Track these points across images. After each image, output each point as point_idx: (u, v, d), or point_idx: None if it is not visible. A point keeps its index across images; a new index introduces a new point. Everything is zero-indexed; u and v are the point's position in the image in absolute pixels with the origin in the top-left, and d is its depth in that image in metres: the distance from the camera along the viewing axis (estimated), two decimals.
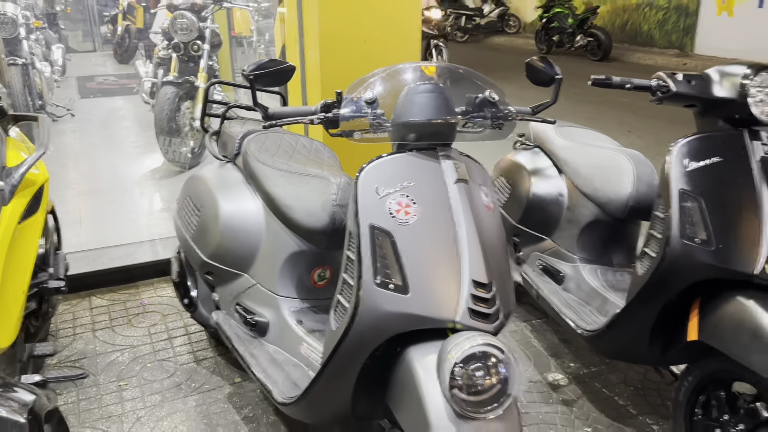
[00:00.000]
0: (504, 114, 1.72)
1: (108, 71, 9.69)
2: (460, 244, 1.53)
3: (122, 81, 8.59)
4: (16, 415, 1.29)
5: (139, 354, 2.65)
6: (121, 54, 9.69)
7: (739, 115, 1.91)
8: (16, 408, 1.31)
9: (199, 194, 2.31)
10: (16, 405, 1.33)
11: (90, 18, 11.19)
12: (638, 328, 2.05)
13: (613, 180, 2.43)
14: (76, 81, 8.30)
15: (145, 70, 5.65)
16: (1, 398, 1.34)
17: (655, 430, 2.28)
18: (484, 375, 1.36)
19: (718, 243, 1.83)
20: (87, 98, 7.37)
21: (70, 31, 10.60)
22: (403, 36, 3.41)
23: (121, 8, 9.67)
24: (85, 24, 11.23)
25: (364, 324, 1.52)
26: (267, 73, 1.68)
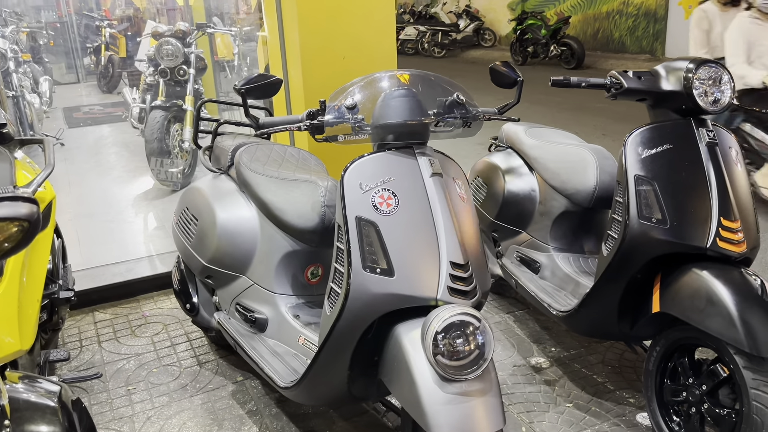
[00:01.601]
0: (472, 114, 1.91)
1: (93, 101, 9.84)
2: (438, 230, 1.71)
3: (108, 110, 8.75)
4: (47, 400, 1.43)
5: (145, 361, 2.79)
6: (105, 84, 9.85)
7: (686, 105, 2.11)
8: (44, 394, 1.46)
9: (196, 205, 2.47)
10: (44, 392, 1.48)
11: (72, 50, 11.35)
12: (606, 305, 2.23)
13: (578, 173, 2.62)
14: (63, 112, 8.46)
15: (133, 97, 5.82)
16: (30, 387, 1.48)
17: (631, 402, 2.46)
18: (464, 342, 1.54)
19: (673, 221, 2.02)
20: (75, 128, 7.52)
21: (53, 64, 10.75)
22: (379, 52, 3.61)
23: (103, 39, 9.85)
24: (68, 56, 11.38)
25: (356, 305, 1.69)
26: (257, 86, 1.86)
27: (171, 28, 4.89)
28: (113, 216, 4.36)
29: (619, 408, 2.42)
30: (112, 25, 9.94)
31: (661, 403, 2.17)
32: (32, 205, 1.04)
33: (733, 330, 1.83)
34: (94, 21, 10.49)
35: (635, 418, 2.37)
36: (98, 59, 10.19)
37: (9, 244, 1.03)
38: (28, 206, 1.03)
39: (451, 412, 1.51)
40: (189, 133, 4.77)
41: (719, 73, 2.12)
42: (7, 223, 1.02)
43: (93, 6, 11.16)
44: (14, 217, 1.02)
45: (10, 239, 1.03)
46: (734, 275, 1.94)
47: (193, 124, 2.71)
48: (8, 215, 1.01)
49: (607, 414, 2.39)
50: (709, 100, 2.10)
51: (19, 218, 1.02)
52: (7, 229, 1.02)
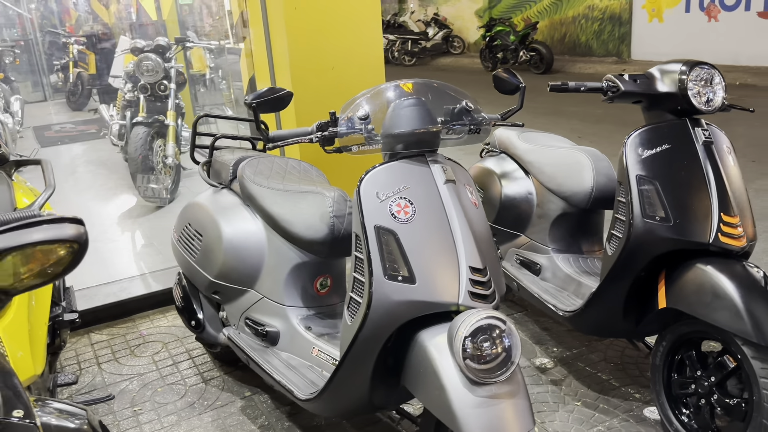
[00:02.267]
0: (480, 120, 1.94)
1: (63, 119, 9.67)
2: (455, 236, 1.74)
3: (80, 127, 8.60)
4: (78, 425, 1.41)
5: (148, 381, 2.75)
6: (75, 101, 9.69)
7: (681, 106, 2.18)
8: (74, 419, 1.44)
9: (199, 220, 2.46)
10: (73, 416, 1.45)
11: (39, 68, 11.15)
12: (612, 303, 2.28)
13: (575, 175, 2.67)
14: (33, 131, 8.29)
15: (110, 113, 5.75)
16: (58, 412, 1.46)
17: (637, 397, 2.51)
18: (491, 345, 1.56)
19: (676, 218, 2.08)
20: (48, 146, 7.38)
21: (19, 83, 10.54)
22: (367, 63, 3.64)
23: (71, 56, 9.70)
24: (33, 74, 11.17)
25: (378, 314, 1.70)
26: (268, 100, 1.87)
27: (150, 43, 4.84)
28: (98, 235, 4.29)
29: (626, 404, 2.47)
30: (80, 41, 9.78)
31: (670, 396, 2.22)
32: (80, 226, 1.03)
33: (740, 322, 1.88)
34: (60, 38, 10.31)
35: (643, 412, 2.41)
36: (66, 76, 10.02)
37: (58, 267, 1.02)
38: (75, 227, 1.02)
39: (482, 415, 1.53)
40: (172, 149, 4.73)
41: (711, 74, 2.19)
42: (56, 246, 1.01)
43: (57, 23, 10.98)
44: (64, 239, 1.01)
45: (59, 262, 1.02)
46: (737, 269, 2.00)
47: (191, 140, 2.69)
48: (58, 237, 1.00)
49: (615, 410, 2.44)
50: (703, 100, 2.17)
51: (69, 240, 1.01)
52: (56, 252, 1.01)
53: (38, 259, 1.02)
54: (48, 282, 1.03)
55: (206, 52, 6.92)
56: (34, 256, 1.01)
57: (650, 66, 2.30)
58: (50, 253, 1.02)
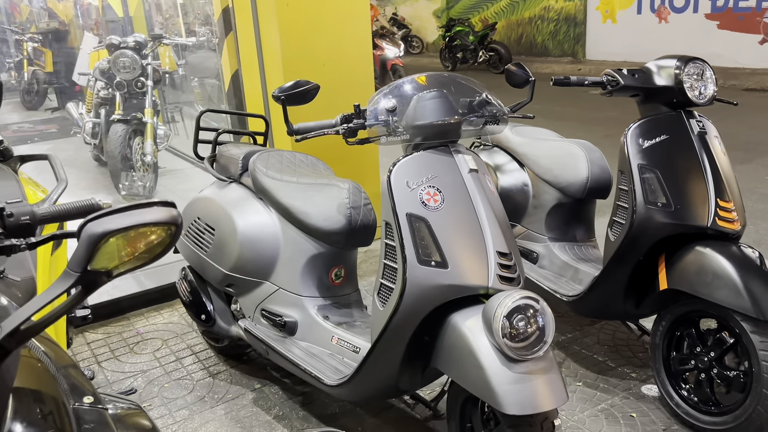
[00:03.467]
0: (500, 111, 2.02)
1: (17, 119, 9.35)
2: (482, 222, 1.82)
3: (39, 127, 8.36)
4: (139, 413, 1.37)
5: (153, 377, 2.74)
6: (30, 100, 9.39)
7: (676, 99, 2.31)
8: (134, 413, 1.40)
9: (210, 213, 2.47)
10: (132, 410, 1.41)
11: None
12: (615, 287, 2.40)
13: (570, 166, 2.79)
14: None
15: (80, 111, 5.62)
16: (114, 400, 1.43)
17: (633, 377, 2.64)
18: (526, 324, 1.64)
19: (676, 204, 2.21)
20: None
21: None
22: (357, 58, 3.70)
23: (25, 54, 9.39)
24: None
25: (412, 299, 1.76)
26: (296, 93, 1.91)
27: (126, 39, 4.77)
28: None
29: (624, 383, 2.60)
30: (35, 38, 9.48)
31: (669, 373, 2.36)
32: (173, 209, 1.07)
33: (739, 299, 2.02)
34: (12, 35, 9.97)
35: (641, 390, 2.54)
36: (20, 75, 9.70)
37: (157, 249, 1.05)
38: (172, 210, 1.06)
39: (520, 390, 1.61)
40: (150, 147, 4.67)
41: (703, 68, 2.34)
42: (159, 227, 1.04)
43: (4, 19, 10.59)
44: (164, 222, 1.04)
45: (161, 243, 1.05)
46: (734, 250, 2.14)
47: (194, 135, 2.69)
48: (161, 219, 1.04)
49: (614, 389, 2.56)
50: (695, 93, 2.31)
51: (168, 222, 1.04)
52: (155, 234, 1.04)
53: (139, 240, 1.04)
54: (146, 264, 1.06)
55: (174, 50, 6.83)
56: (135, 239, 1.04)
57: (605, 66, 2.44)
58: (150, 235, 1.05)
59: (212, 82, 5.95)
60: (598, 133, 6.99)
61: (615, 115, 7.79)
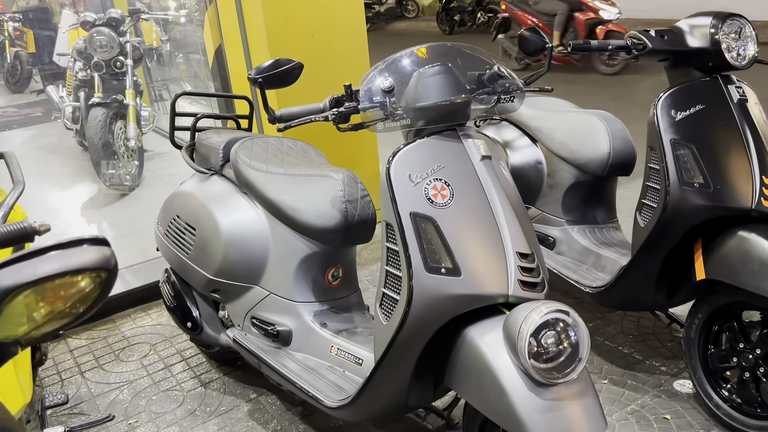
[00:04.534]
0: (515, 85, 1.74)
1: (3, 103, 9.03)
2: (498, 219, 1.56)
3: (24, 111, 8.05)
4: None
5: (140, 388, 2.51)
6: (14, 83, 9.05)
7: (712, 62, 2.03)
8: None
9: (191, 211, 2.21)
10: None
11: None
12: (645, 277, 2.15)
13: (589, 140, 2.51)
14: None
15: (60, 95, 5.32)
16: None
17: (663, 370, 2.41)
18: (556, 342, 1.39)
19: (715, 184, 1.94)
20: None
21: None
22: (349, 29, 3.40)
23: (6, 34, 9.02)
24: None
25: (421, 311, 1.51)
26: (275, 74, 1.64)
27: (101, 16, 4.44)
28: (63, 229, 3.95)
29: (654, 378, 2.37)
30: (15, 18, 9.11)
31: (707, 370, 2.12)
32: (105, 248, 0.80)
33: None
34: None
35: (673, 386, 2.32)
36: (3, 57, 9.35)
37: (83, 305, 0.79)
38: (99, 250, 0.79)
39: (552, 420, 1.37)
40: (134, 131, 4.38)
41: (741, 25, 2.05)
42: (80, 276, 0.78)
43: None
44: (87, 267, 0.78)
45: (85, 299, 0.79)
46: None
47: (170, 121, 2.42)
48: (87, 264, 0.77)
49: (644, 386, 2.33)
50: (735, 55, 2.02)
51: (94, 267, 0.78)
52: (79, 286, 0.78)
53: (59, 294, 0.78)
54: (71, 325, 0.81)
55: (158, 24, 6.48)
56: (54, 293, 0.78)
57: None
58: (74, 286, 0.79)
59: (198, 58, 5.63)
60: (604, 95, 6.68)
61: (621, 75, 7.46)
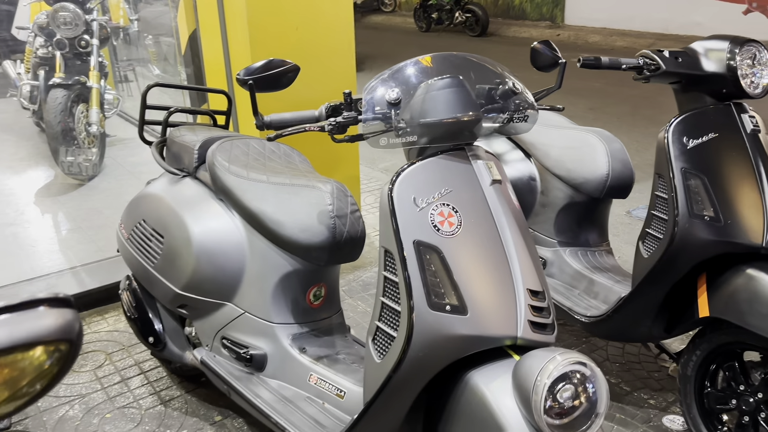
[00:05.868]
0: (530, 104, 1.60)
1: None
2: (509, 251, 1.42)
3: None
4: None
5: (93, 404, 2.30)
6: None
7: (726, 89, 1.92)
8: None
9: (159, 217, 2.01)
10: None
11: None
12: (645, 310, 2.04)
13: (587, 160, 2.40)
14: None
15: (17, 71, 4.98)
16: None
17: (652, 404, 2.31)
18: (573, 396, 1.26)
19: (726, 218, 1.84)
20: None
21: None
22: (335, 22, 3.21)
23: None
24: None
25: (421, 352, 1.36)
26: (268, 77, 1.45)
27: None
28: (14, 218, 3.67)
29: (643, 412, 2.27)
30: None
31: (702, 410, 2.03)
32: (67, 311, 0.63)
33: None
34: None
35: (662, 422, 2.22)
36: None
37: (40, 382, 0.62)
38: (66, 314, 0.62)
39: None
40: (96, 115, 4.11)
41: (756, 51, 1.95)
42: (35, 350, 0.60)
43: None
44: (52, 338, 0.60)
45: (41, 376, 0.61)
46: None
47: (140, 114, 2.20)
48: (35, 337, 0.60)
49: (633, 420, 2.23)
50: (753, 83, 1.92)
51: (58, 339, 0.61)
52: (32, 361, 0.60)
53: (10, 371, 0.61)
54: (24, 407, 0.63)
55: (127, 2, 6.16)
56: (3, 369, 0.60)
57: (585, 32, 2.04)
58: (22, 363, 0.61)
59: (170, 41, 5.34)
60: (580, 105, 6.63)
61: (599, 86, 7.44)
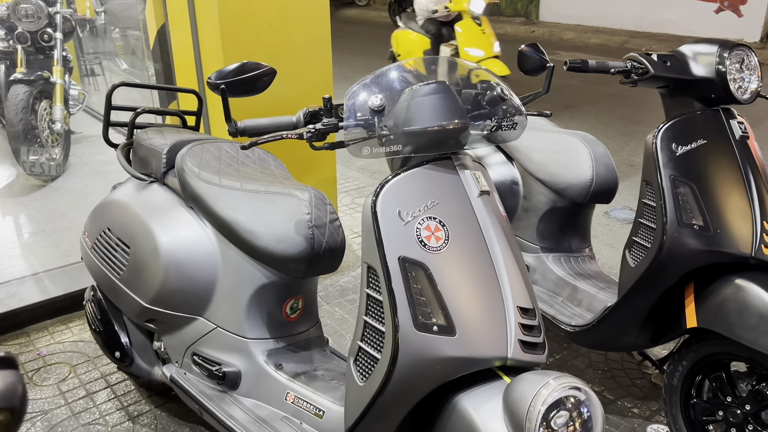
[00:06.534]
0: (518, 110, 1.52)
1: None
2: (498, 267, 1.34)
3: None
4: None
5: (56, 420, 2.18)
6: None
7: (715, 94, 1.88)
8: None
9: (124, 225, 1.89)
10: None
11: None
12: (631, 320, 2.00)
13: (571, 164, 2.34)
14: None
15: None
16: None
17: (636, 412, 2.27)
18: (567, 422, 1.19)
19: (716, 228, 1.80)
20: None
21: None
22: (311, 16, 3.11)
23: None
24: None
25: (406, 375, 1.28)
26: (242, 81, 1.36)
27: None
28: None
29: (627, 421, 2.23)
30: None
31: (688, 421, 1.99)
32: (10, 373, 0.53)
33: None
34: None
35: (646, 431, 2.18)
36: None
37: None
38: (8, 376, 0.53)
39: None
40: (60, 112, 3.95)
41: (745, 56, 1.91)
42: None
43: None
44: None
45: None
46: None
47: (104, 115, 2.08)
48: None
49: (617, 430, 2.19)
50: (742, 88, 1.88)
51: None
52: None
53: None
54: None
55: None
56: None
57: (559, 29, 1.99)
58: None
59: (137, 35, 5.17)
60: (557, 103, 6.61)
61: (576, 83, 7.44)
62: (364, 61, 9.11)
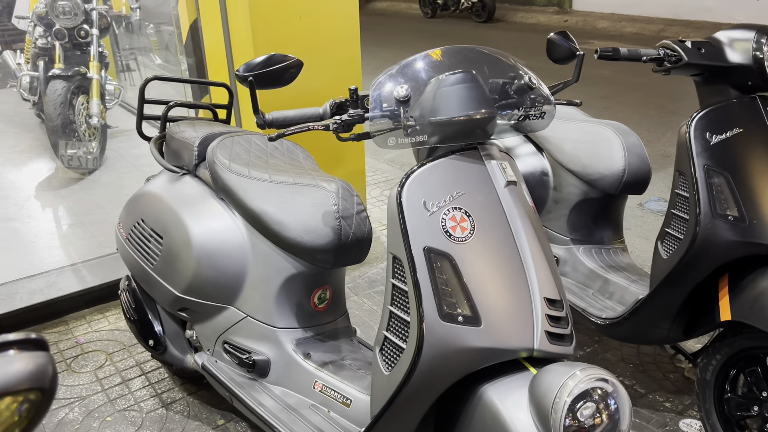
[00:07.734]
0: (547, 99, 1.50)
1: None
2: (524, 258, 1.34)
3: None
4: None
5: (93, 406, 2.24)
6: None
7: (752, 81, 1.83)
8: None
9: (158, 216, 1.93)
10: None
11: None
12: (663, 312, 1.96)
13: (603, 155, 2.31)
14: None
15: (17, 62, 4.90)
16: None
17: (668, 407, 2.24)
18: (594, 414, 1.18)
19: (751, 218, 1.75)
20: None
21: None
22: (340, 10, 3.11)
23: None
24: None
25: (431, 365, 1.29)
26: (269, 72, 1.37)
27: None
28: (13, 212, 3.61)
29: (659, 416, 2.20)
30: None
31: (722, 416, 1.95)
32: (40, 354, 0.55)
33: None
34: None
35: (679, 426, 2.15)
36: None
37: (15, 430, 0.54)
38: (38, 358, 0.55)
39: None
40: (97, 107, 4.04)
41: None
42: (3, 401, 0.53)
43: None
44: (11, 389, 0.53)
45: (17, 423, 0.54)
46: None
47: (138, 108, 2.12)
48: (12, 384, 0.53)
49: (648, 425, 2.16)
50: None
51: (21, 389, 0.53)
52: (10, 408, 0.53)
53: None
54: None
55: None
56: None
57: (593, 18, 1.93)
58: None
59: (170, 30, 5.25)
60: (591, 93, 6.50)
61: (608, 74, 7.30)
62: (393, 52, 9.06)
